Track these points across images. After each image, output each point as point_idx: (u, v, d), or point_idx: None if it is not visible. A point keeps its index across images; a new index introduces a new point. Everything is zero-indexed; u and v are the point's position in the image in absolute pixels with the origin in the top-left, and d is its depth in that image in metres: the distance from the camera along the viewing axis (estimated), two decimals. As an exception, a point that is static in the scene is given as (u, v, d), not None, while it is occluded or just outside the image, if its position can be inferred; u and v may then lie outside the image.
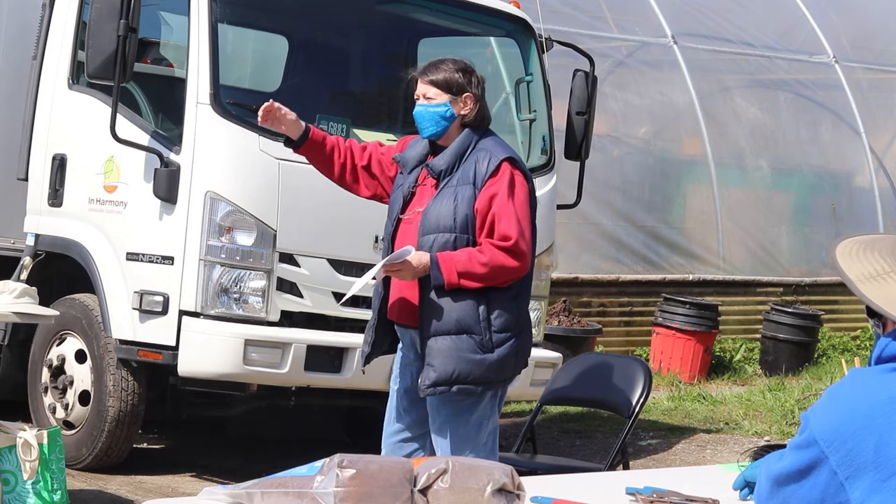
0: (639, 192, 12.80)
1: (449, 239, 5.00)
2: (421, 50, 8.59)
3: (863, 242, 2.56)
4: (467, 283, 4.96)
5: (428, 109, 5.14)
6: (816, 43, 14.47)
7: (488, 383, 5.07)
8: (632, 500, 3.37)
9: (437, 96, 5.12)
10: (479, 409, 5.08)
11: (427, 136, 5.17)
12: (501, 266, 4.97)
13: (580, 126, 8.07)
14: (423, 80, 5.16)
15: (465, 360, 4.99)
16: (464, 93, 5.13)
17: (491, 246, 4.98)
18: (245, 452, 8.50)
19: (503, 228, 4.98)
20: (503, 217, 4.98)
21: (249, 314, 7.08)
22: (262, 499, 2.87)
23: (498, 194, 5.00)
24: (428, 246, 5.02)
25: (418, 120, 5.17)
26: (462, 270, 4.95)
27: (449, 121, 5.12)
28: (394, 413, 5.28)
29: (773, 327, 12.45)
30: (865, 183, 14.47)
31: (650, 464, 8.78)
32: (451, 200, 5.02)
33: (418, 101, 5.18)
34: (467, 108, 5.14)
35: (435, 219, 5.03)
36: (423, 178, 5.19)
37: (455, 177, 5.06)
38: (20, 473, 5.59)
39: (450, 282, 4.95)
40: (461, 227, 5.00)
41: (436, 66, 5.17)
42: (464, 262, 4.95)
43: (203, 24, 7.17)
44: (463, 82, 5.13)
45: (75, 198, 7.58)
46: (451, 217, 5.01)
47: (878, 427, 2.37)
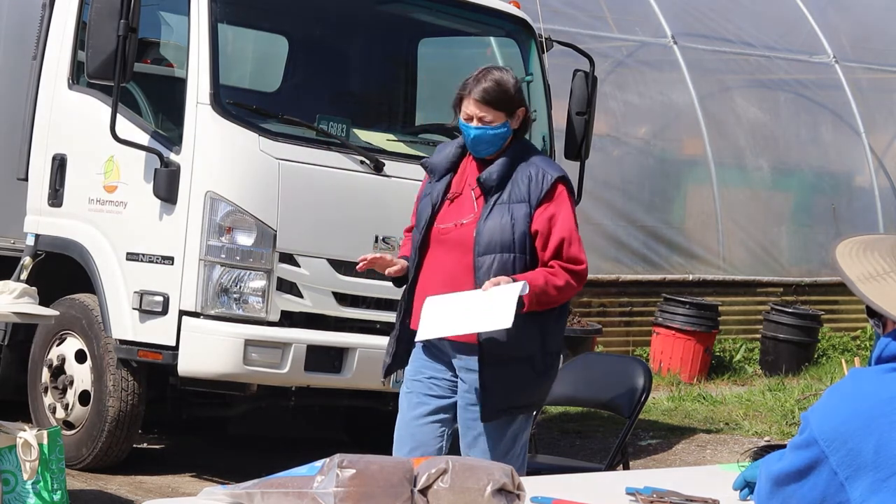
0: (639, 192, 12.80)
1: (508, 259, 4.84)
2: (421, 50, 8.60)
3: (863, 243, 2.56)
4: (539, 308, 4.83)
5: (488, 132, 4.89)
6: (816, 43, 14.47)
7: (539, 404, 5.11)
8: (632, 500, 3.37)
9: (497, 118, 4.89)
10: (516, 423, 4.98)
11: (484, 156, 4.94)
12: (570, 288, 4.90)
13: (580, 126, 8.07)
14: (479, 103, 4.89)
15: (527, 385, 4.92)
16: (518, 107, 4.95)
17: (562, 269, 4.87)
18: (245, 452, 8.50)
19: (574, 252, 4.89)
20: (573, 241, 4.89)
21: (249, 314, 7.08)
22: (262, 499, 2.87)
23: (559, 216, 4.88)
24: (487, 265, 4.83)
25: (476, 143, 4.91)
26: (539, 294, 4.80)
27: (506, 139, 4.93)
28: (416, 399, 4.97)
29: (773, 327, 12.45)
30: (865, 183, 14.47)
31: (650, 464, 8.78)
32: (508, 218, 4.85)
33: (471, 122, 4.90)
34: (519, 121, 4.97)
35: (490, 237, 4.84)
36: (459, 188, 4.99)
37: (506, 192, 4.89)
38: (20, 473, 5.59)
39: (528, 305, 4.78)
40: (520, 247, 4.84)
41: (492, 89, 4.89)
42: (541, 285, 4.80)
43: (203, 24, 7.17)
44: (517, 97, 4.95)
45: (75, 198, 7.58)
46: (510, 235, 4.84)
47: (879, 427, 2.37)
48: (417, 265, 5.00)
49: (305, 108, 7.76)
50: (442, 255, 4.93)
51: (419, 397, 4.99)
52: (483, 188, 4.91)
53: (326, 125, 7.46)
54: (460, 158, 5.03)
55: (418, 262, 5.00)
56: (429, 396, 4.97)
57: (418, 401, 4.98)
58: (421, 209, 5.06)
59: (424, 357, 5.03)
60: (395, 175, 7.45)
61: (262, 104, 7.73)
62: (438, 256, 4.94)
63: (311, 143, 7.33)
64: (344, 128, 7.53)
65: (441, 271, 4.92)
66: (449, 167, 5.02)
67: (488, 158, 4.95)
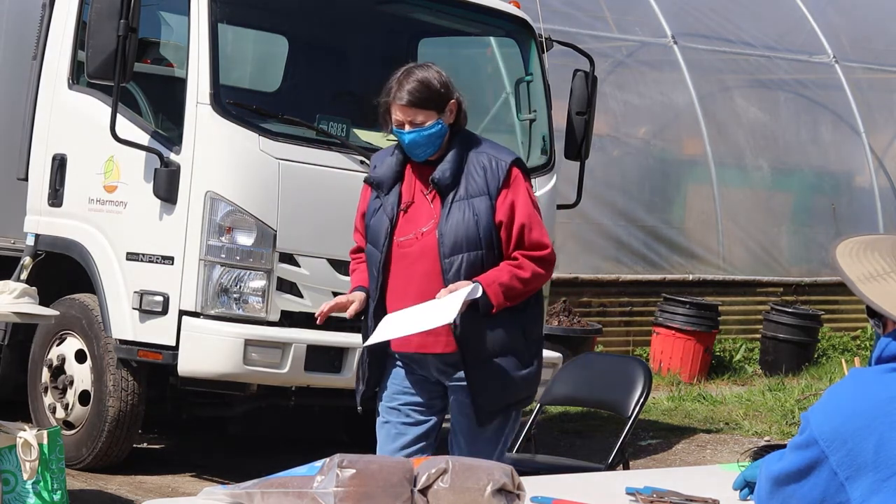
0: (639, 191, 12.80)
1: (477, 257, 4.67)
2: (421, 50, 8.59)
3: (863, 243, 2.56)
4: (511, 303, 4.68)
5: (422, 134, 4.69)
6: (816, 43, 14.47)
7: (531, 396, 4.93)
8: (632, 500, 3.37)
9: (428, 117, 4.68)
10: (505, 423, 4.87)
11: (424, 158, 4.74)
12: (539, 277, 4.74)
13: (580, 126, 8.07)
14: (406, 107, 4.68)
15: (515, 379, 4.75)
16: (448, 101, 4.73)
17: (527, 259, 4.71)
18: (245, 452, 8.50)
19: (536, 237, 4.72)
20: (533, 225, 4.72)
21: (249, 314, 7.08)
22: (262, 499, 2.87)
23: (517, 201, 4.71)
24: (456, 267, 4.65)
25: (412, 148, 4.70)
26: (506, 290, 4.65)
27: (443, 136, 4.73)
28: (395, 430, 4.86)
29: (773, 327, 12.45)
30: (865, 183, 14.47)
31: (650, 464, 8.78)
32: (470, 215, 4.67)
33: (403, 128, 4.70)
34: (453, 116, 4.75)
35: (455, 237, 4.66)
36: (410, 196, 4.78)
37: (461, 188, 4.71)
38: (20, 473, 5.59)
39: (497, 304, 4.65)
40: (487, 243, 4.67)
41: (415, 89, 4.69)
42: (506, 281, 4.65)
43: (203, 24, 7.17)
44: (445, 92, 4.72)
45: (75, 198, 7.58)
46: (475, 233, 4.66)
47: (879, 427, 2.37)
48: (382, 285, 4.78)
49: (305, 108, 7.76)
50: (407, 268, 4.74)
51: (397, 427, 4.85)
52: (438, 188, 4.72)
53: (326, 125, 7.46)
54: (403, 166, 4.81)
55: (383, 282, 4.78)
56: (406, 425, 4.84)
57: (396, 431, 4.85)
58: (375, 226, 4.80)
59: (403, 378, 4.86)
60: (395, 175, 7.44)
61: (262, 104, 7.73)
62: (404, 270, 4.75)
63: (311, 143, 7.33)
64: (344, 128, 7.53)
65: (411, 284, 4.71)
66: (395, 178, 4.80)
67: (431, 160, 4.76)
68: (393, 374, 4.89)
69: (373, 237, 4.81)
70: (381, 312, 4.78)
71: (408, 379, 4.87)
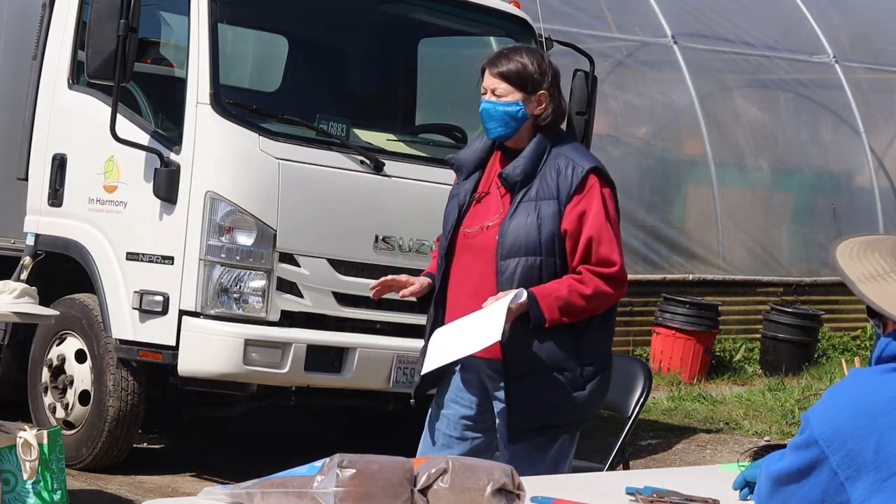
0: (639, 191, 12.80)
1: (534, 263, 4.40)
2: (421, 50, 8.60)
3: (863, 243, 2.57)
4: (567, 319, 4.38)
5: (497, 107, 4.46)
6: (816, 43, 14.47)
7: (579, 423, 4.56)
8: (632, 500, 3.36)
9: (509, 93, 4.45)
10: (556, 446, 4.55)
11: (494, 136, 4.52)
12: (603, 295, 4.41)
13: (580, 126, 8.07)
14: (493, 73, 4.48)
15: (559, 400, 4.43)
16: (539, 90, 4.48)
17: (591, 274, 4.39)
18: (245, 452, 8.50)
19: (604, 252, 4.40)
20: (603, 240, 4.40)
21: (249, 314, 7.07)
22: (262, 499, 2.87)
23: (589, 212, 4.40)
24: (510, 271, 4.40)
25: (484, 118, 4.49)
26: (563, 305, 4.35)
27: (520, 122, 4.47)
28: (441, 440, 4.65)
29: (773, 327, 12.45)
30: (865, 183, 14.47)
31: (650, 464, 8.78)
32: (534, 218, 4.39)
33: (485, 95, 4.50)
34: (541, 108, 4.49)
35: (515, 239, 4.40)
36: (486, 186, 4.56)
37: (533, 188, 4.43)
38: (20, 473, 5.59)
39: (552, 319, 4.35)
40: (547, 250, 4.39)
41: (507, 58, 4.49)
42: (564, 295, 4.35)
43: (203, 24, 7.17)
44: (539, 78, 4.47)
45: (75, 198, 7.58)
46: (536, 237, 4.38)
47: (879, 427, 2.37)
48: (445, 273, 4.58)
49: (305, 108, 7.76)
50: (468, 261, 4.53)
51: (444, 438, 4.66)
52: (507, 184, 4.48)
53: (326, 125, 7.46)
54: (489, 154, 4.61)
55: (445, 270, 4.58)
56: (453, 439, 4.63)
57: (443, 442, 4.66)
58: (447, 211, 4.62)
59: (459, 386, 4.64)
60: (395, 175, 7.46)
61: (262, 104, 7.73)
62: (465, 263, 4.54)
63: (311, 143, 7.33)
64: (344, 128, 7.53)
65: (469, 280, 4.51)
66: (477, 164, 4.60)
67: (510, 146, 4.53)
68: (453, 378, 4.66)
69: (444, 222, 4.63)
70: (441, 302, 4.59)
71: (463, 387, 4.63)
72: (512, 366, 4.44)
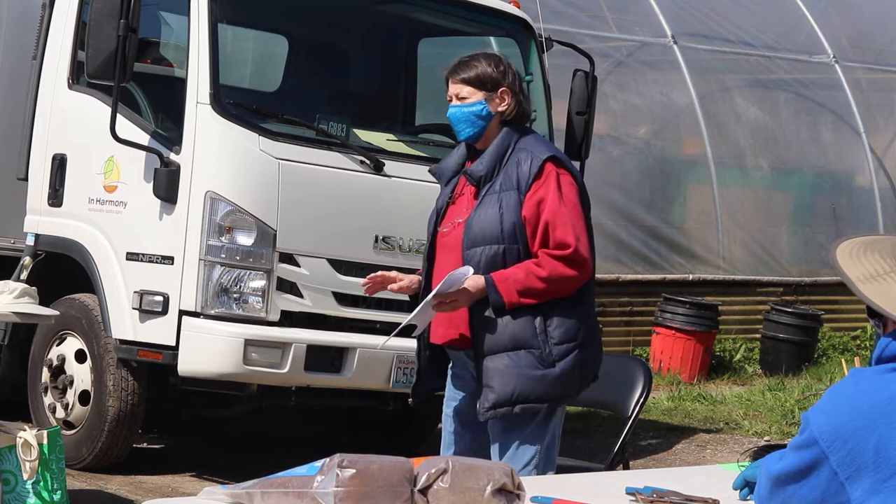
0: (639, 191, 12.80)
1: (497, 251, 4.61)
2: (421, 50, 8.60)
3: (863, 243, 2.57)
4: (528, 301, 4.57)
5: (462, 110, 4.72)
6: (816, 43, 14.47)
7: (552, 400, 4.69)
8: (632, 500, 3.36)
9: (472, 95, 4.72)
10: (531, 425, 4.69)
11: (464, 138, 4.77)
12: (562, 277, 4.58)
13: (580, 126, 8.07)
14: (455, 80, 4.76)
15: (525, 377, 4.59)
16: (499, 87, 4.72)
17: (548, 257, 4.58)
18: (245, 452, 8.50)
19: (559, 236, 4.59)
20: (557, 223, 4.59)
21: (249, 314, 7.07)
22: (262, 499, 2.87)
23: (547, 199, 4.60)
24: (476, 260, 4.61)
25: (453, 122, 4.76)
26: (521, 289, 4.55)
27: (486, 120, 4.72)
28: (447, 438, 4.87)
29: (773, 327, 12.45)
30: (865, 183, 14.47)
31: (650, 464, 8.78)
32: (496, 208, 4.61)
33: (451, 102, 4.77)
34: (504, 104, 4.73)
35: (479, 229, 4.63)
36: (462, 188, 4.79)
37: (497, 182, 4.66)
38: (20, 473, 5.59)
39: (510, 302, 4.56)
40: (509, 237, 4.60)
41: (466, 64, 4.77)
42: (522, 279, 4.56)
43: (203, 24, 7.17)
44: (497, 76, 4.73)
45: (75, 198, 7.58)
46: (498, 226, 4.60)
47: (879, 427, 2.37)
48: (427, 273, 4.82)
49: (305, 108, 7.76)
50: (445, 258, 4.74)
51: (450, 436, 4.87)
52: (472, 180, 4.71)
53: (326, 125, 7.46)
54: (466, 159, 4.85)
55: (428, 271, 4.82)
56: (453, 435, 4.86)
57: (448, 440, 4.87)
58: (430, 217, 4.89)
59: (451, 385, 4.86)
60: (395, 175, 7.46)
61: (262, 104, 7.73)
62: (443, 260, 4.75)
63: (311, 143, 7.33)
64: (344, 128, 7.53)
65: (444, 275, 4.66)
66: (455, 170, 4.85)
67: (479, 148, 4.75)
68: (449, 376, 4.88)
69: (427, 227, 4.88)
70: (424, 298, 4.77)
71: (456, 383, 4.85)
72: (479, 346, 4.65)
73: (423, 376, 4.90)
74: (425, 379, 4.91)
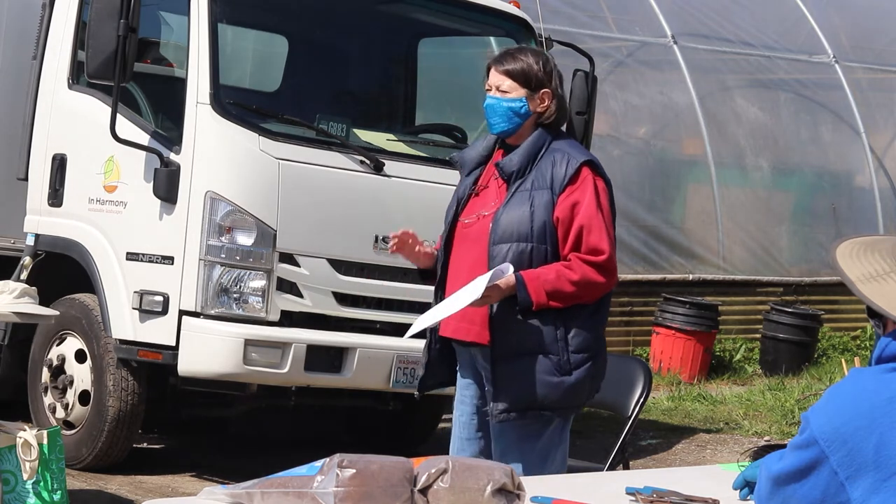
0: (639, 191, 12.80)
1: (525, 249, 4.52)
2: (421, 50, 8.60)
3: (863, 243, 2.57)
4: (555, 304, 4.49)
5: (501, 103, 4.62)
6: (816, 43, 14.47)
7: (565, 408, 4.62)
8: (632, 500, 3.36)
9: (513, 90, 4.61)
10: (546, 435, 4.62)
11: (497, 132, 4.68)
12: (592, 282, 4.52)
13: (580, 126, 8.06)
14: (498, 70, 4.64)
15: (542, 383, 4.52)
16: (542, 88, 4.63)
17: (580, 261, 4.51)
18: (245, 452, 8.50)
19: (594, 241, 4.52)
20: (593, 229, 4.52)
21: (249, 314, 7.07)
22: (262, 499, 2.87)
23: (582, 202, 4.53)
24: (502, 257, 4.52)
25: (489, 113, 4.66)
26: (551, 290, 4.47)
27: (523, 118, 4.63)
28: (456, 444, 4.78)
29: (773, 327, 12.45)
30: (865, 183, 14.47)
31: (650, 464, 8.78)
32: (527, 206, 4.52)
33: (489, 91, 4.66)
34: (544, 106, 4.64)
35: (508, 226, 4.54)
36: (487, 180, 4.70)
37: (529, 179, 4.57)
38: (20, 473, 5.59)
39: (538, 303, 4.47)
40: (538, 237, 4.52)
41: (513, 56, 4.66)
42: (552, 280, 4.47)
43: (203, 24, 7.17)
44: (543, 76, 4.63)
45: (75, 198, 7.58)
46: (528, 224, 4.51)
47: (879, 427, 2.37)
48: (444, 264, 4.74)
49: (305, 108, 7.76)
50: (465, 250, 4.66)
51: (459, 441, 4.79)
52: (503, 174, 4.62)
53: (326, 125, 7.46)
54: (491, 152, 4.77)
55: (444, 261, 4.74)
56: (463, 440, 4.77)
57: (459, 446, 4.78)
58: (449, 206, 4.80)
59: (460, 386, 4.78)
60: (395, 175, 7.46)
61: (262, 104, 7.73)
62: (462, 252, 4.68)
63: (311, 143, 7.33)
64: (344, 128, 7.53)
65: (464, 266, 4.64)
66: (479, 161, 4.76)
67: (512, 143, 4.68)
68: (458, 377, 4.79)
69: (445, 215, 4.78)
70: (441, 289, 4.74)
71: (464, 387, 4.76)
72: (497, 347, 4.55)
73: (431, 369, 4.80)
74: (434, 372, 4.81)
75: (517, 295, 4.48)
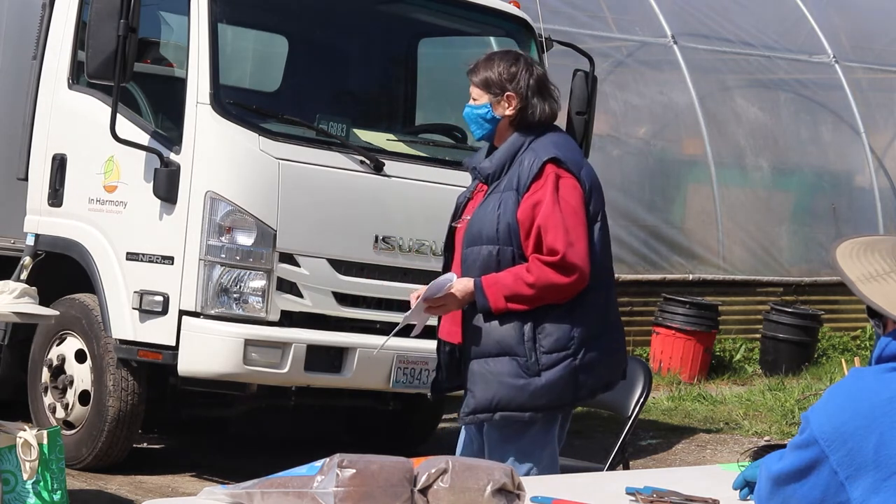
0: (639, 191, 12.80)
1: (492, 251, 4.54)
2: (421, 50, 8.60)
3: (863, 243, 2.57)
4: (516, 307, 4.49)
5: (472, 111, 4.71)
6: (816, 43, 14.47)
7: (537, 410, 4.55)
8: (632, 500, 3.36)
9: (480, 97, 4.68)
10: (527, 437, 4.59)
11: (478, 138, 4.80)
12: (551, 284, 4.47)
13: (580, 126, 8.06)
14: (470, 79, 4.74)
15: (505, 385, 4.51)
16: (505, 92, 4.65)
17: (538, 263, 4.48)
18: (245, 452, 8.50)
19: (549, 241, 4.48)
20: (549, 228, 4.48)
21: (249, 314, 7.07)
22: (262, 499, 2.87)
23: (543, 201, 4.51)
24: (471, 260, 4.57)
25: (466, 122, 4.78)
26: (509, 294, 4.48)
27: (492, 123, 4.68)
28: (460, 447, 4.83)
29: (773, 327, 12.45)
30: (865, 183, 14.47)
31: (650, 464, 8.78)
32: (495, 208, 4.55)
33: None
34: (510, 109, 4.66)
35: (477, 229, 4.58)
36: (480, 185, 4.76)
37: (503, 181, 4.59)
38: (20, 473, 5.59)
39: (496, 307, 4.49)
40: (504, 239, 4.53)
41: (478, 64, 4.72)
42: (510, 284, 4.48)
43: (203, 24, 7.17)
44: (503, 80, 4.65)
45: (75, 198, 7.58)
46: (494, 227, 4.54)
47: (879, 426, 2.37)
48: (445, 266, 4.83)
49: (305, 108, 7.76)
50: (458, 252, 4.72)
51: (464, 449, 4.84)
52: (480, 177, 4.69)
53: (326, 125, 7.46)
54: None
55: (446, 263, 4.84)
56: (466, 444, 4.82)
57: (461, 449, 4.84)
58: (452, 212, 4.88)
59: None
60: (395, 175, 7.46)
61: (262, 104, 7.73)
62: (456, 255, 4.74)
63: (311, 143, 7.33)
64: (344, 128, 7.53)
65: (456, 271, 4.68)
66: None
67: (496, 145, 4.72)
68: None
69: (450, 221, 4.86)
70: None
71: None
72: (466, 349, 4.63)
73: (442, 372, 4.81)
74: (445, 374, 4.81)
75: (476, 300, 4.53)
